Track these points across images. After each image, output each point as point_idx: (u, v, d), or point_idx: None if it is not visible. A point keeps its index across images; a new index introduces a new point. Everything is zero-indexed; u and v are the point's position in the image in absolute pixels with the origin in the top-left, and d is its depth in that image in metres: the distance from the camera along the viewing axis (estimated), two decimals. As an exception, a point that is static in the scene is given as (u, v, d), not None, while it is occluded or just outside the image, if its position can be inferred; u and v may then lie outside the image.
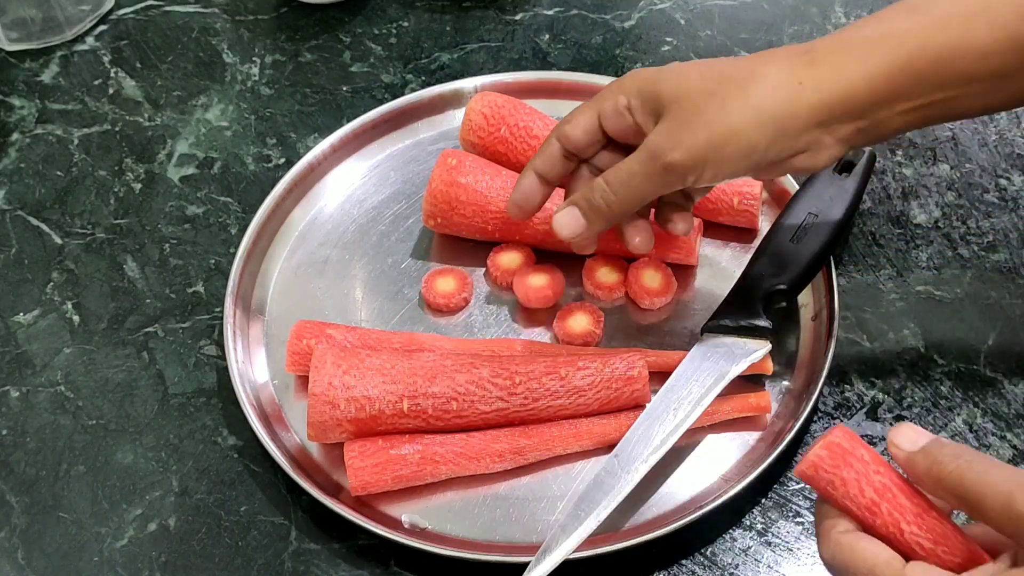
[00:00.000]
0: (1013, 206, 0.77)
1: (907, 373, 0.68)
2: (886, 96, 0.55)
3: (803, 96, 0.55)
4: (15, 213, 0.80)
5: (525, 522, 0.62)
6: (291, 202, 0.77)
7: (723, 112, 0.56)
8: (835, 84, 0.55)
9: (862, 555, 0.43)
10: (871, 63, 0.55)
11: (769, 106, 0.55)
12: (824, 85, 0.55)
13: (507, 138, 0.75)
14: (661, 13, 0.93)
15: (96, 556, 0.62)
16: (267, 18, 0.94)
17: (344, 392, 0.61)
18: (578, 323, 0.69)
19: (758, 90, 0.56)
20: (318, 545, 0.62)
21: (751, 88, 0.56)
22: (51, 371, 0.71)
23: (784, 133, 0.56)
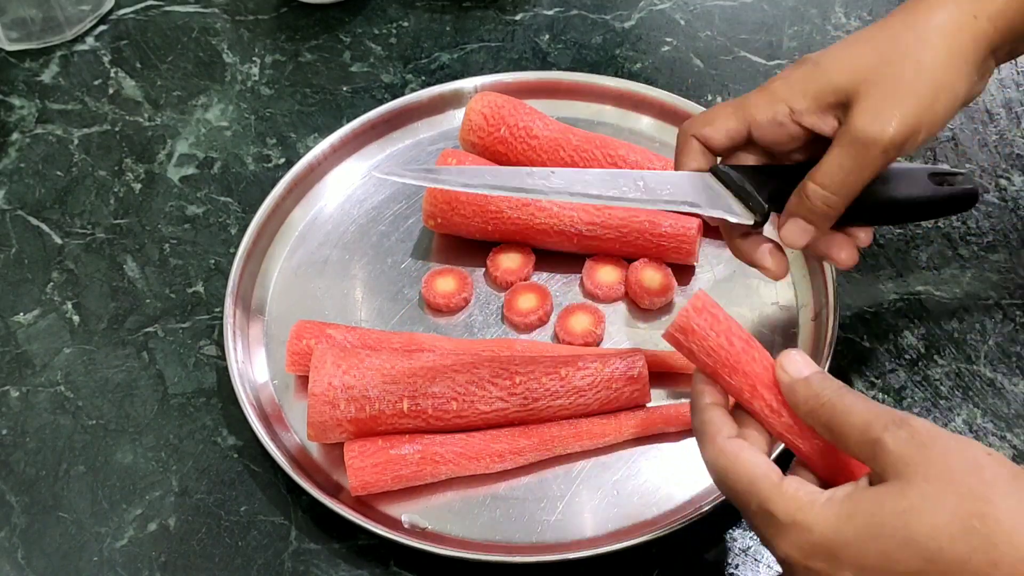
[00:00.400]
0: (1013, 206, 0.77)
1: (907, 373, 0.68)
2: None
3: (981, 28, 0.55)
4: (15, 213, 0.80)
5: (525, 522, 0.62)
6: (291, 202, 0.77)
7: (922, 71, 0.54)
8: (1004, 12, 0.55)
9: (744, 465, 0.47)
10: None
11: (960, 48, 0.54)
12: (994, 13, 0.55)
13: (507, 138, 0.75)
14: (661, 13, 0.93)
15: (96, 556, 0.62)
16: (267, 18, 0.94)
17: (344, 392, 0.61)
18: (578, 323, 0.69)
19: (942, 37, 0.55)
20: (318, 545, 0.62)
21: (933, 38, 0.55)
22: (51, 371, 0.71)
23: (973, 66, 0.55)
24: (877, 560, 0.42)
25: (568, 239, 0.72)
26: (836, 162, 0.55)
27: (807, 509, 0.45)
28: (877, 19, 0.91)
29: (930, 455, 0.43)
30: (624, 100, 0.83)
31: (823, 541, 0.44)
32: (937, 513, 0.41)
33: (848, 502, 0.44)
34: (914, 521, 0.42)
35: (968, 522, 0.41)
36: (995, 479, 0.42)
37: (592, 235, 0.72)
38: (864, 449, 0.45)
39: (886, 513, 0.42)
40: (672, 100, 0.81)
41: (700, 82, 0.87)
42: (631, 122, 0.82)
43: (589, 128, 0.79)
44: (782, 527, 0.45)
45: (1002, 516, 0.41)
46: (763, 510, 0.46)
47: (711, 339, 0.50)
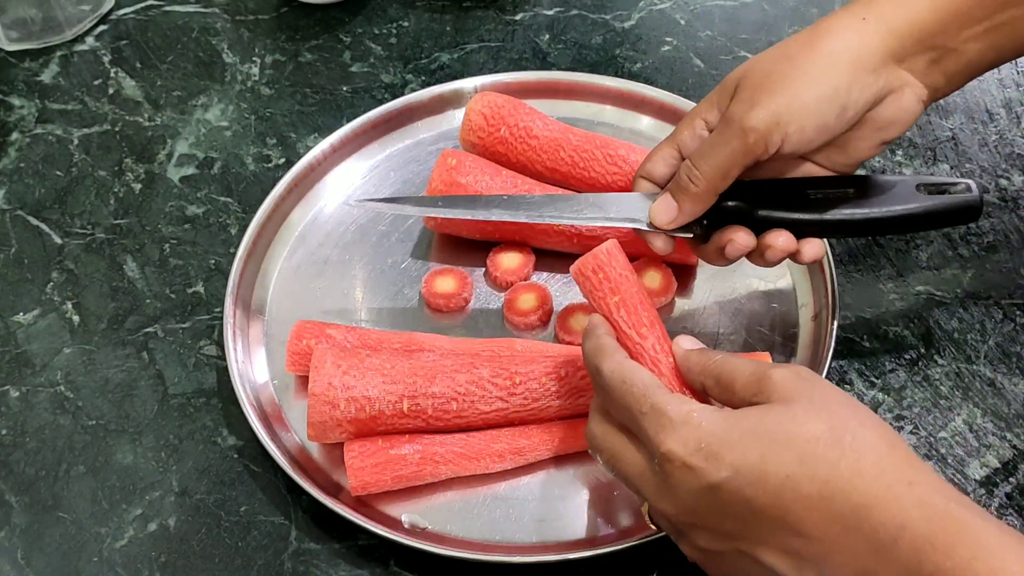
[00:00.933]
0: (1013, 206, 0.77)
1: (907, 373, 0.68)
2: (951, 20, 0.56)
3: (870, 28, 0.56)
4: (15, 213, 0.80)
5: (525, 522, 0.62)
6: (291, 202, 0.77)
7: (796, 65, 0.56)
8: (898, 12, 0.56)
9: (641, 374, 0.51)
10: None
11: (840, 46, 0.56)
12: (887, 15, 0.56)
13: (507, 138, 0.75)
14: (661, 13, 0.93)
15: (96, 556, 0.62)
16: (267, 18, 0.94)
17: (344, 392, 0.61)
18: (578, 323, 0.69)
19: (825, 36, 0.56)
20: (318, 545, 0.62)
21: (817, 39, 0.56)
22: (51, 371, 0.71)
23: (862, 68, 0.56)
24: (755, 460, 0.46)
25: (568, 239, 0.72)
26: (709, 139, 0.58)
27: (699, 411, 0.48)
28: (877, 19, 0.92)
29: (813, 387, 0.48)
30: (624, 100, 0.83)
31: (710, 439, 0.47)
32: (816, 425, 0.46)
33: (736, 412, 0.48)
34: (796, 428, 0.46)
35: (841, 435, 0.45)
36: (866, 415, 0.47)
37: (592, 235, 0.72)
38: (751, 387, 0.49)
39: (770, 420, 0.46)
40: (672, 100, 0.81)
41: (700, 82, 0.87)
42: (631, 122, 0.82)
43: (589, 128, 0.79)
44: (672, 423, 0.48)
45: (869, 438, 0.45)
46: (655, 410, 0.49)
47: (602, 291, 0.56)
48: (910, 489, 0.44)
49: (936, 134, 0.81)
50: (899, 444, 0.46)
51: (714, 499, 0.47)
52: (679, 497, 0.48)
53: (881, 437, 0.46)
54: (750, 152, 0.57)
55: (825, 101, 0.56)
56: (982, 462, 0.64)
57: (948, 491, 0.44)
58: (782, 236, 0.60)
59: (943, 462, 0.64)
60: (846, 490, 0.44)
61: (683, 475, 0.47)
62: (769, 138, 0.56)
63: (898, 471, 0.44)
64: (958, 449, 0.65)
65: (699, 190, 0.58)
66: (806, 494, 0.45)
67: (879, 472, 0.44)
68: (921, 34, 0.56)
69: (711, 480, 0.46)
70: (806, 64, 0.56)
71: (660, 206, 0.60)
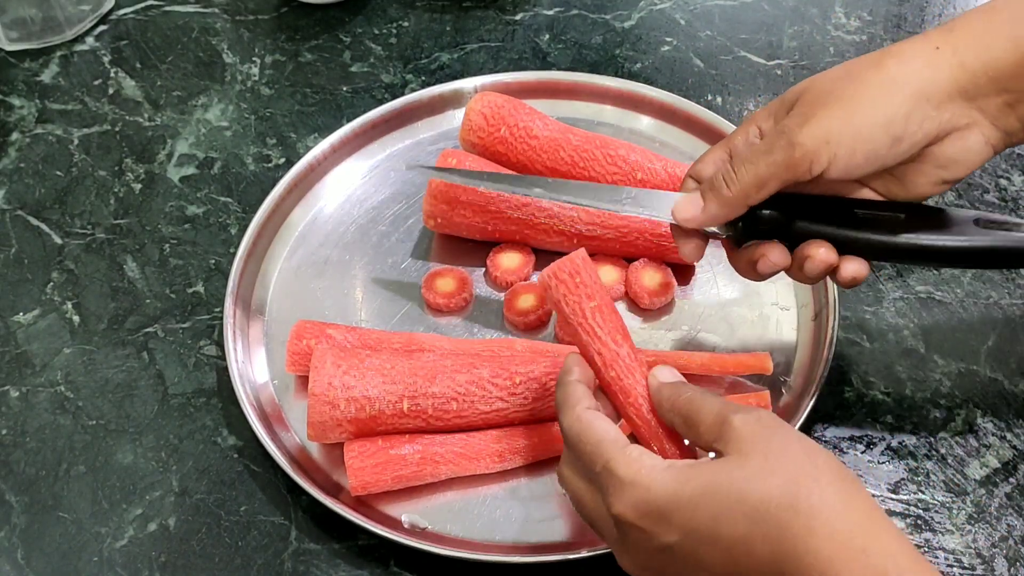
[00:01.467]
0: (1013, 206, 0.77)
1: (907, 373, 0.68)
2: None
3: (942, 59, 0.52)
4: (15, 213, 0.80)
5: (525, 522, 0.62)
6: (291, 202, 0.77)
7: (856, 86, 0.52)
8: (975, 47, 0.52)
9: (595, 430, 0.50)
10: (1015, 28, 0.52)
11: (905, 73, 0.52)
12: (963, 48, 0.52)
13: (507, 138, 0.75)
14: (661, 13, 0.93)
15: (96, 556, 0.62)
16: (267, 18, 0.94)
17: (344, 392, 0.61)
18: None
19: (892, 60, 0.53)
20: (318, 545, 0.62)
21: (884, 61, 0.53)
22: (51, 371, 0.71)
23: (925, 99, 0.52)
24: (706, 521, 0.45)
25: (568, 239, 0.72)
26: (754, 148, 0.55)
27: (647, 471, 0.47)
28: (876, 19, 0.92)
29: (771, 437, 0.46)
30: (624, 100, 0.83)
31: (658, 501, 0.46)
32: (770, 483, 0.44)
33: (688, 469, 0.47)
34: (748, 487, 0.44)
35: (796, 494, 0.44)
36: (825, 468, 0.45)
37: (592, 235, 0.72)
38: (713, 431, 0.48)
39: (722, 479, 0.45)
40: (672, 100, 0.81)
41: (700, 82, 0.87)
42: (631, 122, 0.82)
43: (589, 128, 0.79)
44: (622, 485, 0.47)
45: (825, 497, 0.44)
46: (607, 469, 0.48)
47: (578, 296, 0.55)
48: (863, 556, 0.43)
49: (936, 134, 0.81)
50: (856, 500, 0.45)
51: (669, 558, 0.47)
52: (636, 553, 0.48)
53: (837, 494, 0.44)
54: (793, 167, 0.53)
55: (879, 128, 0.52)
56: (982, 462, 0.64)
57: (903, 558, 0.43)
58: (823, 247, 0.56)
59: (943, 462, 0.64)
60: (798, 552, 0.43)
61: (637, 535, 0.47)
62: (816, 157, 0.52)
63: (851, 535, 0.43)
64: (958, 449, 0.65)
65: (730, 194, 0.55)
66: (758, 555, 0.44)
67: (831, 534, 0.43)
68: (997, 73, 0.52)
69: (663, 542, 0.46)
70: (866, 86, 0.52)
71: (684, 201, 0.57)
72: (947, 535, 0.61)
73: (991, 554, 0.60)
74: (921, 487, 0.63)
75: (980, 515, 0.62)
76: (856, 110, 0.52)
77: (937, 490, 0.63)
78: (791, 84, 0.86)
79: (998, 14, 0.53)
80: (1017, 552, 0.60)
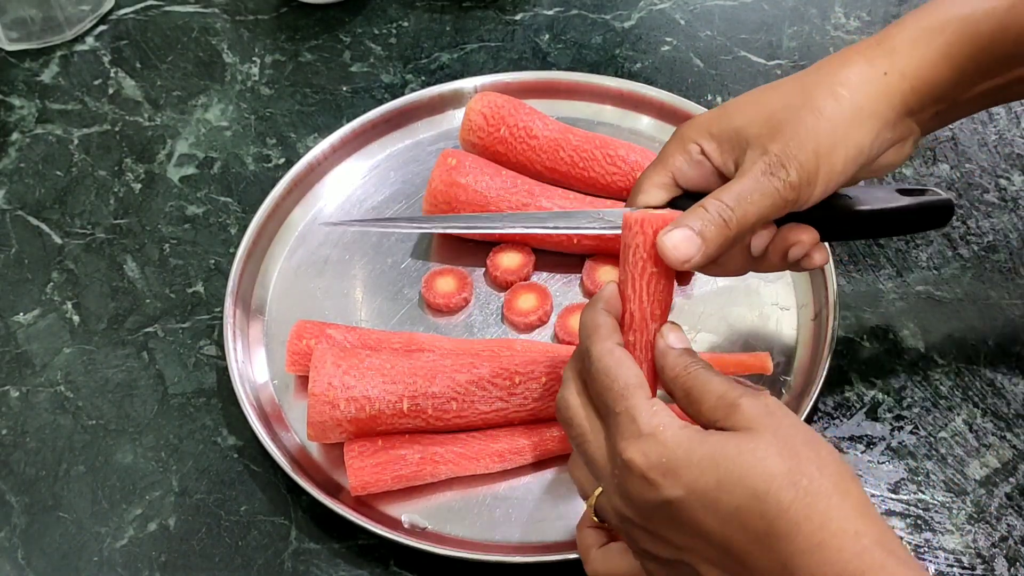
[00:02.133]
0: (1013, 206, 0.77)
1: (907, 373, 0.68)
2: (968, 77, 0.55)
3: (892, 84, 0.54)
4: (15, 213, 0.80)
5: (525, 522, 0.62)
6: (291, 202, 0.77)
7: (822, 119, 0.53)
8: (920, 69, 0.55)
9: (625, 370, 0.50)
10: (951, 46, 0.55)
11: (864, 102, 0.54)
12: (909, 71, 0.55)
13: (507, 138, 0.75)
14: (661, 13, 0.93)
15: (96, 556, 0.62)
16: (267, 18, 0.94)
17: (344, 392, 0.61)
18: (578, 323, 0.69)
19: (847, 90, 0.54)
20: (318, 545, 0.62)
21: (839, 90, 0.54)
22: (51, 371, 0.71)
23: (884, 125, 0.55)
24: (710, 486, 0.46)
25: (568, 239, 0.72)
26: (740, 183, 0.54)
27: (667, 426, 0.48)
28: (876, 19, 0.92)
29: (780, 422, 0.47)
30: (624, 100, 0.83)
31: (671, 456, 0.47)
32: (776, 463, 0.46)
33: (703, 433, 0.48)
34: (755, 462, 0.46)
35: (798, 478, 0.45)
36: (828, 459, 0.47)
37: (592, 235, 0.72)
38: (718, 411, 0.49)
39: (732, 450, 0.46)
40: (672, 100, 0.81)
41: (700, 82, 0.87)
42: (631, 122, 0.82)
43: (589, 128, 0.79)
44: (640, 434, 0.48)
45: (824, 485, 0.45)
46: (628, 414, 0.49)
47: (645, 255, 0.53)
48: (856, 540, 0.44)
49: (936, 134, 0.81)
50: (854, 492, 0.46)
51: (666, 513, 0.47)
52: (634, 501, 0.49)
53: (837, 485, 0.46)
54: (783, 208, 0.54)
55: (852, 160, 0.54)
56: (982, 462, 0.64)
57: (891, 544, 0.44)
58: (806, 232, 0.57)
59: (943, 462, 0.64)
60: (791, 533, 0.44)
61: (640, 485, 0.48)
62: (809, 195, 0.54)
63: (846, 521, 0.44)
64: (958, 449, 0.65)
65: (728, 231, 0.53)
66: (752, 529, 0.45)
67: (826, 520, 0.44)
68: (938, 91, 0.55)
69: (666, 496, 0.47)
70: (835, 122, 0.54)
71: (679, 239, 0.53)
72: (947, 535, 0.61)
73: (991, 554, 0.60)
74: (921, 487, 0.63)
75: (980, 515, 0.62)
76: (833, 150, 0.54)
77: (937, 490, 0.63)
78: (791, 84, 0.86)
79: (936, 36, 0.55)
80: (1017, 552, 0.60)
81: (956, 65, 0.55)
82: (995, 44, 0.55)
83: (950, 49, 0.55)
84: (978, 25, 0.55)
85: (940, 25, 0.55)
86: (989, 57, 0.55)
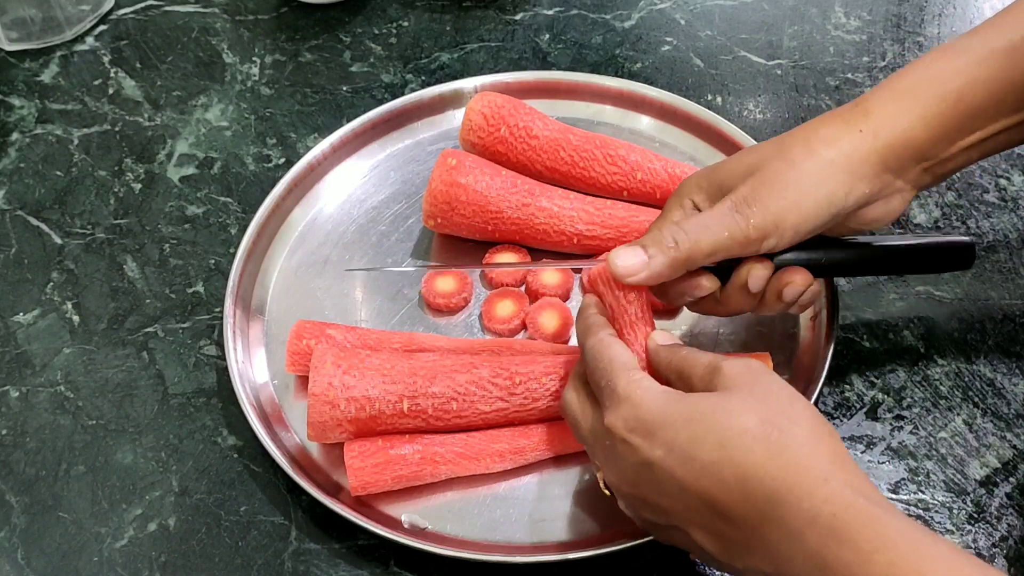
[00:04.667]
0: (1013, 206, 0.77)
1: (907, 373, 0.68)
2: (944, 135, 0.58)
3: (865, 141, 0.57)
4: (15, 213, 0.80)
5: (525, 522, 0.62)
6: (291, 202, 0.77)
7: (793, 168, 0.57)
8: (893, 129, 0.57)
9: (610, 350, 0.54)
10: (923, 106, 0.57)
11: (837, 156, 0.57)
12: (882, 131, 0.57)
13: (507, 138, 0.75)
14: (661, 13, 0.93)
15: (96, 556, 0.62)
16: (267, 18, 0.94)
17: (344, 392, 0.61)
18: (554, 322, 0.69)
19: (822, 145, 0.57)
20: (318, 545, 0.62)
21: (814, 144, 0.57)
22: (51, 371, 0.71)
23: (858, 178, 0.57)
24: (685, 442, 0.48)
25: (568, 239, 0.72)
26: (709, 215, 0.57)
27: (643, 391, 0.51)
28: (876, 19, 0.92)
29: (757, 380, 0.50)
30: (624, 100, 0.83)
31: (647, 418, 0.50)
32: (748, 417, 0.48)
33: (679, 395, 0.51)
34: (727, 417, 0.48)
35: (770, 431, 0.47)
36: (802, 413, 0.49)
37: (592, 235, 0.72)
38: (705, 379, 0.52)
39: (706, 407, 0.49)
40: (672, 100, 0.81)
41: (700, 82, 0.87)
42: (631, 122, 0.82)
43: (589, 128, 0.79)
44: (618, 400, 0.51)
45: (797, 435, 0.47)
46: (608, 385, 0.53)
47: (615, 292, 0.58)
48: (824, 484, 0.45)
49: (936, 134, 0.81)
50: (826, 441, 0.48)
51: (650, 475, 0.50)
52: (622, 469, 0.52)
53: (810, 433, 0.48)
54: (746, 244, 0.57)
55: (822, 208, 0.57)
56: (982, 462, 0.64)
57: (862, 487, 0.46)
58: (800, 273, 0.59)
59: (943, 462, 0.64)
60: (764, 480, 0.46)
61: (623, 449, 0.51)
62: (767, 236, 0.57)
63: (817, 466, 0.46)
64: (958, 449, 0.65)
65: (678, 255, 0.56)
66: (727, 480, 0.47)
67: (797, 466, 0.46)
68: (915, 149, 0.57)
69: (646, 456, 0.50)
70: (805, 171, 0.57)
71: (626, 251, 0.57)
72: (947, 535, 0.61)
73: (991, 554, 0.60)
74: (921, 487, 0.63)
75: (980, 515, 0.62)
76: (801, 197, 0.57)
77: (937, 490, 0.63)
78: (791, 84, 0.86)
79: (909, 95, 0.58)
80: (1017, 552, 0.60)
81: (930, 124, 0.57)
82: (964, 101, 0.57)
83: (922, 109, 0.57)
84: (947, 84, 0.57)
85: (911, 86, 0.58)
86: (962, 114, 0.57)
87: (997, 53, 0.57)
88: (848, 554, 0.43)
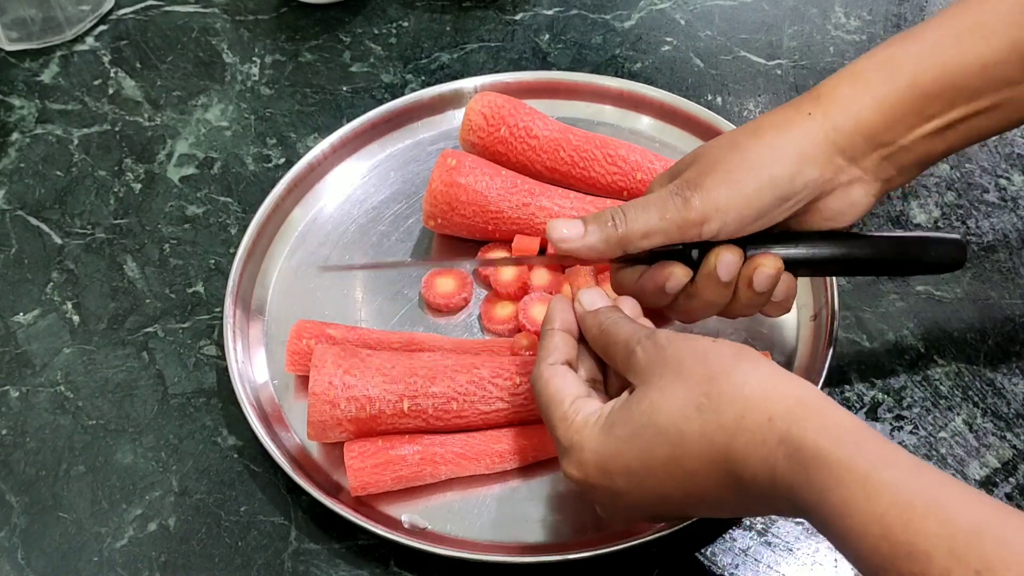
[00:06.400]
0: (1013, 206, 0.77)
1: (907, 373, 0.68)
2: (898, 119, 0.56)
3: (815, 123, 0.56)
4: (15, 213, 0.80)
5: (525, 522, 0.62)
6: (291, 202, 0.77)
7: (736, 151, 0.56)
8: (844, 111, 0.56)
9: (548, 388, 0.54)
10: (876, 89, 0.56)
11: (784, 138, 0.56)
12: (832, 113, 0.56)
13: (507, 138, 0.75)
14: (661, 13, 0.93)
15: (96, 556, 0.62)
16: (267, 18, 0.94)
17: (344, 392, 0.61)
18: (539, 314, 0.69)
19: (770, 129, 0.57)
20: (318, 545, 0.62)
21: (763, 129, 0.57)
22: (51, 371, 0.71)
23: (806, 161, 0.56)
24: (637, 460, 0.49)
25: (568, 239, 0.72)
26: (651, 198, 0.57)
27: (580, 431, 0.51)
28: (876, 19, 0.92)
29: (666, 356, 0.50)
30: (624, 100, 0.83)
31: (595, 457, 0.50)
32: (673, 402, 0.48)
33: (608, 417, 0.51)
34: (656, 415, 0.48)
35: (698, 401, 0.47)
36: (719, 363, 0.48)
37: (592, 235, 0.72)
38: (624, 362, 0.52)
39: (634, 416, 0.49)
40: (672, 100, 0.81)
41: (700, 82, 0.87)
42: (631, 122, 0.82)
43: (589, 128, 0.79)
44: (565, 450, 0.52)
45: (724, 389, 0.47)
46: (553, 435, 0.53)
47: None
48: (771, 426, 0.45)
49: (936, 134, 0.81)
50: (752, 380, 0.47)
51: (629, 499, 0.51)
52: (603, 504, 0.53)
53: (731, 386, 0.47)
54: (684, 228, 0.56)
55: (765, 190, 0.56)
56: (982, 462, 0.64)
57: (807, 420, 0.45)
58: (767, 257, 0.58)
59: (943, 462, 0.64)
60: (722, 453, 0.46)
61: (591, 490, 0.52)
62: (707, 220, 0.56)
63: (756, 412, 0.46)
64: (958, 449, 0.65)
65: (614, 232, 0.57)
66: (693, 470, 0.48)
67: (739, 423, 0.46)
68: (868, 133, 0.56)
69: (613, 489, 0.51)
70: (750, 154, 0.56)
71: (564, 222, 0.58)
72: (947, 535, 0.61)
73: (991, 554, 0.60)
74: (921, 487, 0.63)
75: (980, 515, 0.62)
76: (742, 177, 0.56)
77: (937, 490, 0.63)
78: (791, 84, 0.86)
79: (860, 78, 0.57)
80: (1017, 552, 0.60)
81: (882, 106, 0.56)
82: (917, 85, 0.56)
83: (874, 91, 0.57)
84: (899, 68, 0.57)
85: (863, 70, 0.58)
86: (916, 98, 0.56)
87: (949, 37, 0.56)
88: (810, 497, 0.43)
